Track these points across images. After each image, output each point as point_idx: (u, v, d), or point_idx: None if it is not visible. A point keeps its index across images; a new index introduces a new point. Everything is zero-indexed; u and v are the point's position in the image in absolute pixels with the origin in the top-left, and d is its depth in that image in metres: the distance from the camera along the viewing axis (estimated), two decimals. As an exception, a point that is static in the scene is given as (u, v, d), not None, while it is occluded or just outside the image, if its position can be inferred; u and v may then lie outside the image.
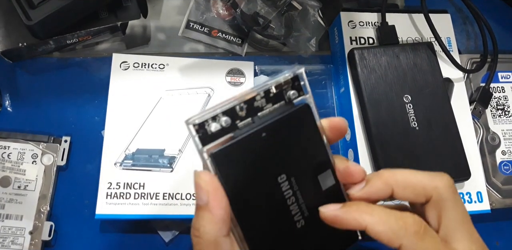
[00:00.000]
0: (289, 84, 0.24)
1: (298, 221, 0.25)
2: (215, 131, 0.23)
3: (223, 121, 0.23)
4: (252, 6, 0.46)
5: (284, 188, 0.24)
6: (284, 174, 0.24)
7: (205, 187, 0.22)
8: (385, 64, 0.42)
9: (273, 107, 0.24)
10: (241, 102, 0.23)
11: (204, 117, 0.22)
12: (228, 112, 0.23)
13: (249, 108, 0.23)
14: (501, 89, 0.48)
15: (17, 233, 0.38)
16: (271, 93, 0.24)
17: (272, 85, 0.24)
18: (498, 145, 0.46)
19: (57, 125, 0.43)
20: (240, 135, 0.23)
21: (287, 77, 0.24)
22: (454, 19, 0.48)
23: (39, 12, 0.38)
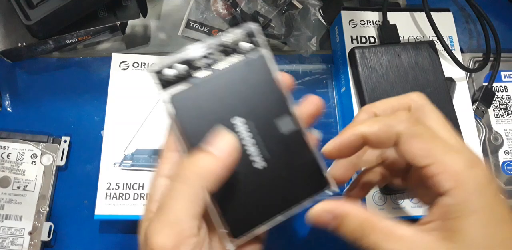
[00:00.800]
0: (245, 40, 0.27)
1: (258, 162, 0.26)
2: (174, 77, 0.26)
3: (182, 69, 0.26)
4: (252, 5, 0.46)
5: (241, 129, 0.26)
6: (241, 117, 0.26)
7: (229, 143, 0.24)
8: (386, 63, 0.42)
9: (230, 59, 0.27)
10: (200, 54, 0.26)
11: (163, 65, 0.26)
12: (186, 62, 0.26)
13: (207, 60, 0.27)
14: (504, 89, 0.48)
15: (17, 234, 0.38)
16: (227, 47, 0.27)
17: (228, 39, 0.27)
18: (501, 144, 0.45)
19: (56, 125, 0.43)
20: (197, 81, 0.26)
21: (242, 33, 0.27)
22: (456, 18, 0.48)
23: (38, 12, 0.38)
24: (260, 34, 0.27)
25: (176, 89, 0.26)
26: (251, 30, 0.27)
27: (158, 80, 0.26)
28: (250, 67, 0.27)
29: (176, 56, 0.26)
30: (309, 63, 0.48)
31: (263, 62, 0.27)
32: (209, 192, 0.23)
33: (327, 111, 0.47)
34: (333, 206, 0.24)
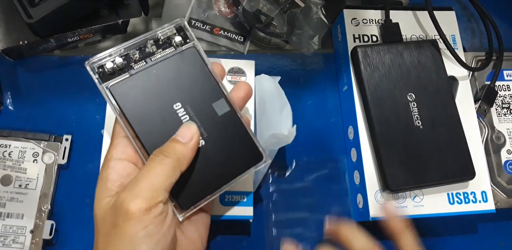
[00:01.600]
0: (175, 34, 0.30)
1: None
2: (112, 70, 0.29)
3: (118, 62, 0.29)
4: (254, 3, 0.45)
5: (181, 114, 0.29)
6: (179, 102, 0.29)
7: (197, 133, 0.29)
8: (388, 62, 0.42)
9: (164, 52, 0.30)
10: (134, 48, 0.29)
11: (101, 59, 0.29)
12: (123, 55, 0.29)
13: (142, 53, 0.30)
14: (507, 88, 0.48)
15: (18, 232, 0.38)
16: (160, 41, 0.30)
17: (159, 34, 0.30)
18: (503, 144, 0.45)
19: (58, 123, 0.43)
20: (134, 72, 0.29)
21: (171, 28, 0.30)
22: (459, 17, 0.48)
23: (40, 10, 0.38)
24: (188, 27, 0.30)
25: (114, 80, 0.29)
26: (180, 25, 0.30)
27: (96, 73, 0.29)
28: (183, 58, 0.30)
29: (111, 49, 0.29)
30: (311, 61, 0.48)
31: (194, 53, 0.30)
32: (181, 172, 0.28)
33: (328, 110, 0.47)
34: None
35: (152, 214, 0.26)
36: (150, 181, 0.27)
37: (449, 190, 0.41)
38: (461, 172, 0.40)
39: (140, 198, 0.26)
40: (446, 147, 0.40)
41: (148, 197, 0.26)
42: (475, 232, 0.45)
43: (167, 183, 0.27)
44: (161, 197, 0.27)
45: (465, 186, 0.41)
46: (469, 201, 0.41)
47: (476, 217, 0.44)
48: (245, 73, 0.43)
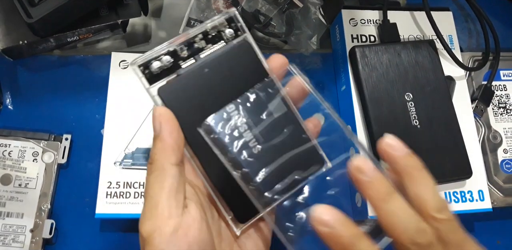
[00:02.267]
0: (226, 26, 0.27)
1: (254, 147, 0.26)
2: (159, 70, 0.25)
3: (166, 61, 0.25)
4: (253, 3, 0.46)
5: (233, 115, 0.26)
6: (232, 104, 0.26)
7: (158, 118, 0.24)
8: (386, 62, 0.42)
9: (214, 47, 0.27)
10: (182, 44, 0.26)
11: (147, 58, 0.25)
12: (170, 53, 0.26)
13: (190, 49, 0.26)
14: (503, 88, 0.48)
15: (18, 231, 0.38)
16: (209, 35, 0.26)
17: (209, 27, 0.26)
18: (500, 143, 0.46)
19: (57, 122, 0.43)
20: (183, 71, 0.26)
21: (222, 19, 0.26)
22: (456, 17, 0.48)
23: (39, 9, 0.38)
24: (239, 18, 0.27)
25: (161, 81, 0.26)
26: (231, 16, 0.27)
27: (143, 74, 0.25)
28: (235, 53, 0.27)
29: (158, 48, 0.26)
30: (309, 61, 0.49)
31: (247, 47, 0.27)
32: (176, 165, 0.24)
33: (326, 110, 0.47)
34: None
35: (165, 233, 0.23)
36: (150, 198, 0.24)
37: (446, 189, 0.41)
38: (458, 171, 0.40)
39: (146, 221, 0.23)
40: (443, 146, 0.40)
41: (152, 217, 0.23)
42: (472, 230, 0.45)
43: (167, 190, 0.24)
44: (166, 212, 0.23)
45: (462, 185, 0.42)
46: (466, 200, 0.41)
47: (473, 216, 0.45)
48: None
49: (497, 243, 0.45)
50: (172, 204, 0.23)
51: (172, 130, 0.24)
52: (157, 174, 0.24)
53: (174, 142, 0.24)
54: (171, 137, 0.24)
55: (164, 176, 0.24)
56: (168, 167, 0.24)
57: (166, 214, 0.23)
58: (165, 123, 0.24)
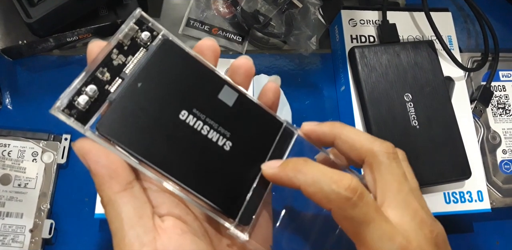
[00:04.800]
0: (138, 31, 0.23)
1: (225, 144, 0.24)
2: (87, 105, 0.21)
3: (91, 92, 0.21)
4: (252, 4, 0.46)
5: (192, 122, 0.23)
6: (184, 110, 0.23)
7: (78, 154, 0.22)
8: (385, 62, 0.42)
9: (136, 58, 0.23)
10: (99, 67, 0.22)
11: (67, 97, 0.21)
12: (90, 82, 0.21)
13: (111, 69, 0.22)
14: (502, 88, 0.48)
15: (18, 231, 0.38)
16: (124, 46, 0.23)
17: (120, 38, 0.23)
18: (499, 143, 0.46)
19: (57, 122, 0.42)
20: (115, 96, 0.22)
21: (130, 25, 0.23)
22: (455, 18, 0.48)
23: (38, 10, 0.38)
24: (148, 17, 0.23)
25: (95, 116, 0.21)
26: (137, 18, 0.23)
27: (72, 117, 0.21)
28: (160, 55, 0.23)
29: (74, 82, 0.21)
30: (309, 62, 0.49)
31: (169, 44, 0.24)
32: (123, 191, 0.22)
33: (326, 110, 0.47)
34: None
35: None
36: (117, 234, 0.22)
37: (445, 190, 0.42)
38: (457, 171, 0.40)
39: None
40: (442, 146, 0.41)
41: None
42: (471, 231, 0.45)
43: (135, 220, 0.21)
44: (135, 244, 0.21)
45: (461, 185, 0.42)
46: (465, 201, 0.42)
47: (472, 216, 0.45)
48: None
49: (496, 244, 0.45)
50: (138, 232, 0.21)
51: (98, 158, 0.21)
52: (110, 208, 0.22)
53: (107, 169, 0.21)
54: (100, 166, 0.22)
55: (116, 207, 0.21)
56: (116, 197, 0.21)
57: (137, 245, 0.21)
58: (87, 155, 0.22)
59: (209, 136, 0.24)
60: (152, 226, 0.22)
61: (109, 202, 0.22)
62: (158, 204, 0.23)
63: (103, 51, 0.22)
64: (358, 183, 0.21)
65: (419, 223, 0.22)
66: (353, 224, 0.21)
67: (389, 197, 0.23)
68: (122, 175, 0.22)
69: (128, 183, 0.22)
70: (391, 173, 0.23)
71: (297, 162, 0.23)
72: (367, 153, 0.24)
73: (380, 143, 0.24)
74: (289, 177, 0.22)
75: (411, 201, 0.23)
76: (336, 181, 0.21)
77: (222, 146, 0.24)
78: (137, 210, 0.22)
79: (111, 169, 0.22)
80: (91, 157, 0.22)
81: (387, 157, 0.24)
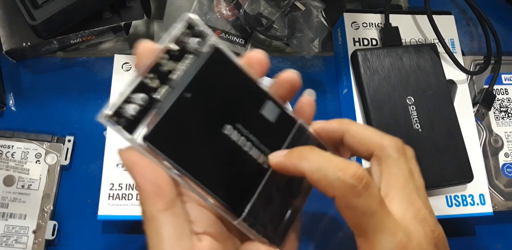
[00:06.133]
0: (189, 34, 0.22)
1: (264, 162, 0.24)
2: (135, 113, 0.20)
3: (140, 100, 0.21)
4: (255, 6, 0.46)
5: (236, 137, 0.23)
6: (228, 125, 0.23)
7: (126, 165, 0.21)
8: (388, 65, 0.42)
9: (185, 64, 0.22)
10: (147, 74, 0.21)
11: (116, 105, 0.20)
12: (139, 89, 0.21)
13: (160, 76, 0.21)
14: (505, 91, 0.48)
15: (21, 232, 0.39)
16: (174, 52, 0.22)
17: (170, 42, 0.22)
18: (501, 147, 0.46)
19: (60, 124, 0.43)
20: (164, 106, 0.21)
21: (181, 29, 0.22)
22: (457, 21, 0.48)
23: (43, 12, 0.38)
24: (198, 21, 0.22)
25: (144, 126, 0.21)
26: (190, 21, 0.22)
27: (119, 125, 0.20)
28: (211, 66, 0.22)
29: (125, 88, 0.21)
30: (311, 64, 0.49)
31: (220, 54, 0.23)
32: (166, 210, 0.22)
33: (328, 113, 0.47)
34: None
35: None
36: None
37: (447, 193, 0.42)
38: (459, 174, 0.40)
39: None
40: (444, 149, 0.41)
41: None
42: (473, 234, 0.45)
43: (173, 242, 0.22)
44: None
45: (463, 188, 0.42)
46: (467, 204, 0.42)
47: (474, 220, 0.45)
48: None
49: (498, 247, 0.45)
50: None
51: (145, 172, 0.21)
52: (150, 225, 0.22)
53: (152, 185, 0.21)
54: (146, 181, 0.21)
55: (158, 225, 0.21)
56: (159, 215, 0.21)
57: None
58: (135, 168, 0.21)
59: (251, 153, 0.23)
60: (190, 246, 0.21)
61: (152, 219, 0.21)
62: (196, 220, 0.23)
63: (153, 55, 0.21)
64: (364, 172, 0.21)
65: (421, 221, 0.22)
66: (355, 214, 0.21)
67: (394, 191, 0.23)
68: (167, 192, 0.21)
69: (171, 201, 0.22)
70: (399, 167, 0.23)
71: (303, 149, 0.23)
72: (376, 146, 0.24)
73: (389, 137, 0.24)
74: (294, 164, 0.22)
75: (415, 198, 0.23)
76: (342, 168, 0.21)
77: (262, 163, 0.24)
78: (178, 230, 0.21)
79: (156, 185, 0.21)
80: (139, 170, 0.21)
81: (397, 151, 0.24)
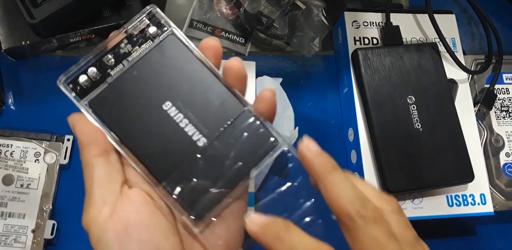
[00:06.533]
0: (149, 25, 0.26)
1: (199, 140, 0.25)
2: (87, 83, 0.25)
3: (92, 73, 0.25)
4: (255, 5, 0.46)
5: (173, 113, 0.25)
6: (168, 101, 0.25)
7: (70, 124, 0.25)
8: (389, 65, 0.42)
9: (142, 48, 0.26)
10: (107, 53, 0.25)
11: (73, 74, 0.25)
12: (96, 64, 0.25)
13: (117, 56, 0.25)
14: (506, 91, 0.48)
15: (20, 232, 0.38)
16: (134, 37, 0.26)
17: (130, 29, 0.26)
18: (502, 146, 0.46)
19: (60, 123, 0.43)
20: (110, 79, 0.25)
21: (142, 19, 0.26)
22: (459, 20, 0.48)
23: (42, 10, 0.38)
24: (161, 14, 0.26)
25: (92, 94, 0.25)
26: (151, 12, 0.26)
27: (73, 91, 0.25)
28: (163, 49, 0.25)
29: (80, 60, 0.25)
30: (312, 63, 0.49)
31: (174, 40, 0.26)
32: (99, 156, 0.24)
33: (329, 112, 0.47)
34: None
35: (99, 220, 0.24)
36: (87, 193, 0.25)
37: (448, 192, 0.41)
38: (460, 174, 0.40)
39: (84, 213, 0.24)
40: (445, 149, 0.40)
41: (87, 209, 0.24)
42: (473, 234, 0.45)
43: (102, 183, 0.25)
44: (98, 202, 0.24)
45: (464, 188, 0.42)
46: (468, 204, 0.41)
47: (474, 220, 0.45)
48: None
49: (499, 247, 0.45)
50: (104, 193, 0.24)
51: (82, 127, 0.25)
52: (86, 170, 0.24)
53: (88, 137, 0.25)
54: (83, 133, 0.25)
55: (90, 168, 0.24)
56: (92, 160, 0.24)
57: (99, 203, 0.23)
58: (76, 125, 0.25)
59: (186, 129, 0.25)
60: (118, 190, 0.24)
61: (86, 164, 0.24)
62: (131, 179, 0.25)
63: (114, 39, 0.25)
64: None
65: None
66: None
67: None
68: (101, 142, 0.25)
69: (105, 150, 0.25)
70: (369, 237, 0.22)
71: (279, 227, 0.22)
72: (343, 215, 0.22)
73: (361, 204, 0.22)
74: (268, 241, 0.22)
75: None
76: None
77: (196, 141, 0.25)
78: (108, 174, 0.24)
79: (91, 137, 0.25)
80: (78, 126, 0.25)
81: (366, 221, 0.22)
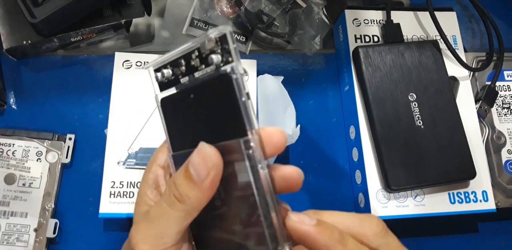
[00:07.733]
0: (218, 47, 0.23)
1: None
2: (166, 80, 0.26)
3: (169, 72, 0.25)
4: (256, 4, 0.46)
5: None
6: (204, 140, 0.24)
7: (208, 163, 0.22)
8: (390, 62, 0.42)
9: (205, 69, 0.24)
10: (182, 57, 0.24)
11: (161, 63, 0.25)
12: (173, 65, 0.25)
13: (187, 66, 0.24)
14: (507, 88, 0.48)
15: (22, 230, 0.39)
16: (203, 54, 0.23)
17: (201, 44, 0.23)
18: (504, 144, 0.46)
19: (61, 122, 0.43)
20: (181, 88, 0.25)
21: (213, 39, 0.23)
22: (459, 17, 0.48)
23: (43, 10, 0.38)
24: (230, 41, 0.22)
25: (166, 92, 0.26)
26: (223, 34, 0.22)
27: (157, 80, 0.26)
28: (217, 84, 0.23)
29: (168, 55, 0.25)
30: (313, 61, 0.49)
31: (227, 81, 0.22)
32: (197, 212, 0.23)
33: (330, 110, 0.47)
34: None
35: None
36: (159, 226, 0.24)
37: (450, 190, 0.41)
38: (462, 171, 0.40)
39: (148, 244, 0.24)
40: (447, 146, 0.40)
41: (155, 244, 0.23)
42: (475, 231, 0.45)
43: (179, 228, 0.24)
44: (170, 242, 0.24)
45: (466, 185, 0.42)
46: (469, 201, 0.41)
47: (476, 217, 0.44)
48: (247, 72, 0.43)
49: (501, 244, 0.45)
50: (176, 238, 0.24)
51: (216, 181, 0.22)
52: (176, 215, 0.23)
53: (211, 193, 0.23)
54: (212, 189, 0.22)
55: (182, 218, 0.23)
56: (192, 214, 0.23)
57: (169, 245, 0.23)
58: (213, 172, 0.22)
59: None
60: None
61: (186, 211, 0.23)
62: None
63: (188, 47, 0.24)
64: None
65: None
66: None
67: None
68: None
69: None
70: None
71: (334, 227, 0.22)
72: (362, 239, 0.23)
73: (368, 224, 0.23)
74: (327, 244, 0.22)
75: None
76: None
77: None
78: None
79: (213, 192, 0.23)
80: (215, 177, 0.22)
81: (381, 237, 0.23)
